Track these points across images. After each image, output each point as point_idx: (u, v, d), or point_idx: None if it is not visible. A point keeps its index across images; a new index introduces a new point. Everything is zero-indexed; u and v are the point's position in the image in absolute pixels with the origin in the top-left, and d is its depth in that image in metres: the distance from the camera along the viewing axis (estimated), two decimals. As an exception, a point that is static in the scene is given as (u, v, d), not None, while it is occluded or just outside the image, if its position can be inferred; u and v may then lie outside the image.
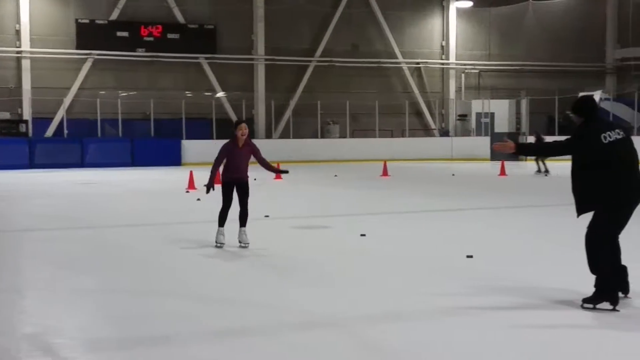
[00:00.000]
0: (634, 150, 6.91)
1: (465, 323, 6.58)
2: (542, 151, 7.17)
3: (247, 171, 10.75)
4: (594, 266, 6.88)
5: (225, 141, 10.91)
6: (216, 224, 10.80)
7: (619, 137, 6.84)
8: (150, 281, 8.63)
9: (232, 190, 10.57)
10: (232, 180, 10.54)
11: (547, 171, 25.36)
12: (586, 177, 6.84)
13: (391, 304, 7.26)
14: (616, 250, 7.00)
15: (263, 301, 7.49)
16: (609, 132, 6.83)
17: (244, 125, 10.73)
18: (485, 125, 37.40)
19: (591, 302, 6.79)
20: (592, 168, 6.81)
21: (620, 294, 7.05)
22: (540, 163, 25.65)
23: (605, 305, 6.72)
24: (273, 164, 11.38)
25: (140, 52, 34.54)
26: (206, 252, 10.55)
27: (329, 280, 8.52)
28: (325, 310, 7.07)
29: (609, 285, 6.78)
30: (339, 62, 37.98)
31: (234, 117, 35.82)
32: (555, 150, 7.29)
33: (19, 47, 33.19)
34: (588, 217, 6.98)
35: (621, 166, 6.82)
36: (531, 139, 34.44)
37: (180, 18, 35.30)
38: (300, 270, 9.18)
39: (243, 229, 10.55)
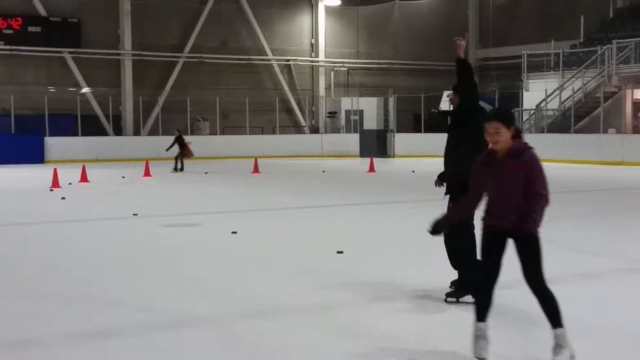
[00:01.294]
0: None
1: (337, 321, 6.63)
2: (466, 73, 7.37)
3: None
4: (455, 261, 7.08)
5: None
6: (80, 224, 10.44)
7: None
8: (12, 283, 8.26)
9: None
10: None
11: (182, 169, 25.75)
12: (463, 157, 6.86)
13: (261, 302, 7.23)
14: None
15: (131, 302, 7.31)
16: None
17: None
18: (354, 122, 37.98)
19: (454, 295, 6.97)
20: (469, 150, 6.94)
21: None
22: (179, 161, 25.96)
23: (468, 298, 6.88)
24: None
25: (-1, 45, 33.07)
26: (69, 252, 10.21)
27: (199, 278, 8.41)
28: (194, 309, 6.98)
29: (472, 279, 6.95)
30: (209, 58, 37.63)
31: (100, 113, 34.91)
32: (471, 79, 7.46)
33: None
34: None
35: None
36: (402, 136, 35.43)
37: (41, 10, 34.00)
38: (169, 269, 9.02)
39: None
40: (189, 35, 37.15)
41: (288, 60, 40.10)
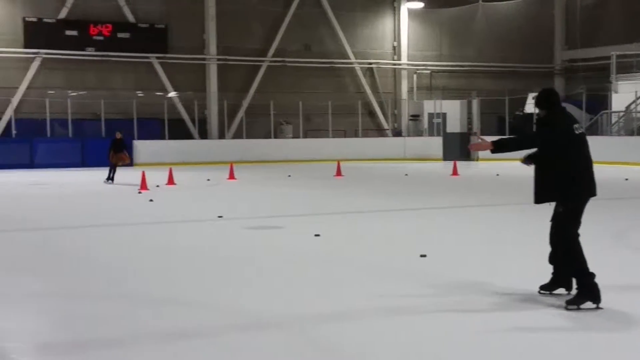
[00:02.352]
0: (588, 145, 7.04)
1: (421, 324, 6.60)
2: (515, 146, 7.16)
3: None
4: (570, 267, 6.90)
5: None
6: (167, 225, 10.66)
7: (582, 130, 6.99)
8: (99, 284, 8.50)
9: None
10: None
11: (112, 178, 22.50)
12: (557, 169, 6.85)
13: (344, 304, 7.24)
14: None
15: (213, 302, 7.43)
16: (576, 125, 6.95)
17: None
18: (437, 125, 37.69)
19: (574, 303, 6.77)
20: (560, 161, 6.84)
21: (564, 291, 7.16)
22: (113, 170, 22.62)
23: (589, 304, 6.74)
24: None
25: (90, 51, 34.05)
26: (155, 253, 10.43)
27: (282, 281, 8.49)
28: (275, 310, 7.04)
29: (590, 284, 6.77)
30: (292, 62, 37.94)
31: (186, 117, 35.58)
32: (530, 142, 7.23)
33: (-35, 45, 32.51)
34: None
35: (586, 159, 6.93)
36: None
37: (130, 17, 34.89)
38: (251, 271, 9.13)
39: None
40: (272, 39, 37.52)
41: (370, 64, 40.07)
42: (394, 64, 40.83)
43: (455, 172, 25.18)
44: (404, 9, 40.48)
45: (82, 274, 9.04)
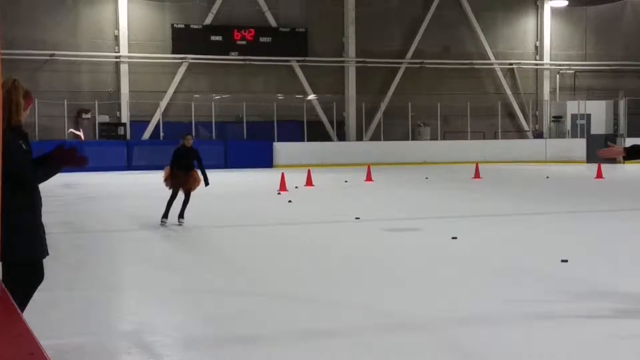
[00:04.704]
0: None
1: (560, 330, 6.44)
2: None
3: None
4: None
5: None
6: (305, 226, 10.81)
7: None
8: (244, 281, 8.76)
9: None
10: None
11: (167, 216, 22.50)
12: None
13: (481, 308, 7.17)
14: None
15: (355, 302, 7.51)
16: None
17: None
18: (580, 127, 36.49)
19: None
20: None
21: None
22: None
23: None
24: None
25: (233, 55, 35.08)
26: (293, 253, 10.64)
27: (420, 282, 8.48)
28: (416, 312, 7.05)
29: None
30: (430, 63, 37.70)
31: (324, 119, 36.03)
32: None
33: (118, 52, 34.18)
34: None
35: None
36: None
37: (272, 22, 35.70)
38: (389, 272, 9.17)
39: None
40: (411, 41, 37.42)
41: (511, 64, 39.27)
42: (536, 64, 39.83)
43: (599, 175, 24.30)
44: (547, 7, 39.42)
45: (224, 272, 9.34)
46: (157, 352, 6.01)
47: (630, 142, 33.78)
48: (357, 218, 14.17)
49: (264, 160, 32.55)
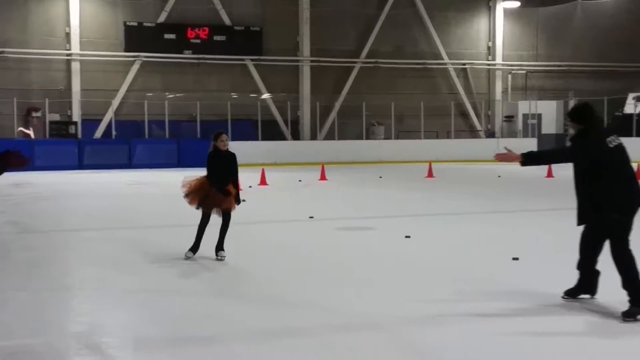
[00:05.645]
0: (628, 155, 6.89)
1: (519, 329, 6.53)
2: (548, 159, 7.08)
3: None
4: (627, 281, 6.73)
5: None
6: (260, 225, 10.76)
7: (618, 141, 6.83)
8: (195, 282, 8.71)
9: None
10: None
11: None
12: (596, 185, 6.79)
13: (435, 308, 7.22)
14: (597, 254, 7.06)
15: (305, 302, 7.52)
16: (611, 137, 6.81)
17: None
18: (532, 126, 36.99)
19: (631, 315, 6.61)
20: (599, 174, 6.76)
21: (587, 296, 7.20)
22: None
23: None
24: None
25: (187, 54, 34.86)
26: (247, 253, 10.61)
27: (374, 282, 8.52)
28: (372, 311, 7.08)
29: None
30: (385, 63, 37.89)
31: (278, 118, 36.00)
32: (563, 156, 7.14)
33: (69, 49, 33.74)
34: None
35: (626, 171, 6.78)
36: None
37: (226, 20, 35.55)
38: (343, 271, 9.19)
39: None
40: (365, 40, 37.58)
41: (464, 64, 39.66)
42: (488, 64, 40.29)
43: (550, 174, 24.65)
44: (500, 8, 39.91)
45: (177, 272, 9.27)
46: (108, 353, 5.95)
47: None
48: (311, 217, 14.17)
49: (218, 160, 32.31)
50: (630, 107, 35.29)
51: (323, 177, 24.22)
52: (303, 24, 36.40)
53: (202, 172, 9.98)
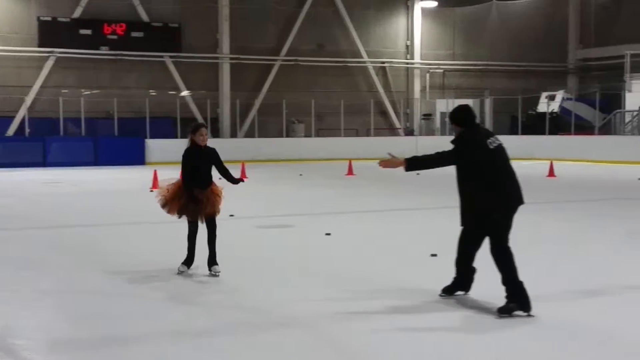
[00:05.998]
0: (508, 155, 7.09)
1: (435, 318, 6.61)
2: (431, 163, 7.18)
3: None
4: (507, 278, 6.85)
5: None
6: (180, 224, 10.61)
7: (498, 142, 7.01)
8: (111, 281, 8.54)
9: None
10: None
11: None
12: (477, 186, 6.95)
13: (356, 304, 7.26)
14: (476, 251, 7.21)
15: (225, 301, 7.46)
16: (491, 139, 6.99)
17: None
18: (449, 124, 37.60)
19: (507, 311, 6.74)
20: (480, 175, 6.91)
21: (462, 292, 7.37)
22: None
23: (519, 312, 6.75)
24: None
25: (104, 50, 34.20)
26: (167, 251, 10.47)
27: (292, 279, 8.51)
28: (287, 308, 7.07)
29: (521, 292, 6.76)
30: (305, 61, 37.95)
31: (198, 116, 35.65)
32: (446, 160, 7.20)
33: (-20, 44, 32.72)
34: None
35: (506, 171, 6.98)
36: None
37: (144, 16, 35.01)
38: (263, 269, 9.16)
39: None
40: (285, 38, 37.56)
41: (383, 63, 40.06)
42: (407, 63, 40.79)
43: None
44: (418, 7, 40.42)
45: (94, 272, 9.08)
46: (21, 356, 5.79)
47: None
48: (231, 215, 14.08)
49: (136, 158, 31.86)
50: (543, 106, 36.27)
51: (243, 175, 24.06)
52: (222, 21, 36.14)
53: (119, 170, 9.74)
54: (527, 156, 32.18)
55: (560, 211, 14.93)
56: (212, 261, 8.62)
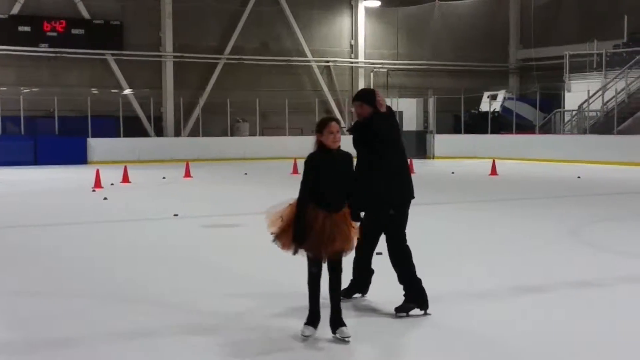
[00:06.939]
0: (404, 148, 7.17)
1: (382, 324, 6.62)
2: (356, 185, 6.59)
3: None
4: (403, 276, 6.83)
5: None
6: (122, 224, 10.51)
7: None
8: (54, 282, 8.38)
9: None
10: None
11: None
12: (371, 181, 6.81)
13: (296, 303, 7.23)
14: (373, 250, 7.09)
15: (168, 300, 7.38)
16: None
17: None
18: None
19: (404, 310, 6.71)
20: (376, 166, 6.84)
21: (359, 295, 7.26)
22: None
23: (416, 311, 6.72)
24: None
25: (44, 47, 33.55)
26: (110, 251, 10.32)
27: (238, 279, 8.46)
28: (233, 310, 7.01)
29: (418, 290, 6.74)
30: (249, 59, 37.81)
31: (141, 115, 35.25)
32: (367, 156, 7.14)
33: None
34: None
35: (400, 165, 6.99)
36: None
37: (85, 13, 34.44)
38: (209, 269, 9.08)
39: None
40: (229, 37, 37.36)
41: (327, 62, 40.13)
42: (351, 62, 40.94)
43: (411, 170, 25.27)
44: (361, 7, 40.58)
45: (34, 272, 8.90)
46: (-42, 362, 5.62)
47: (439, 138, 35.59)
48: (175, 215, 13.95)
49: (78, 157, 31.34)
50: (485, 105, 36.77)
51: (188, 174, 23.91)
52: (165, 18, 35.77)
53: (60, 170, 9.57)
54: (470, 155, 32.64)
55: (501, 209, 15.12)
56: (338, 321, 6.06)
